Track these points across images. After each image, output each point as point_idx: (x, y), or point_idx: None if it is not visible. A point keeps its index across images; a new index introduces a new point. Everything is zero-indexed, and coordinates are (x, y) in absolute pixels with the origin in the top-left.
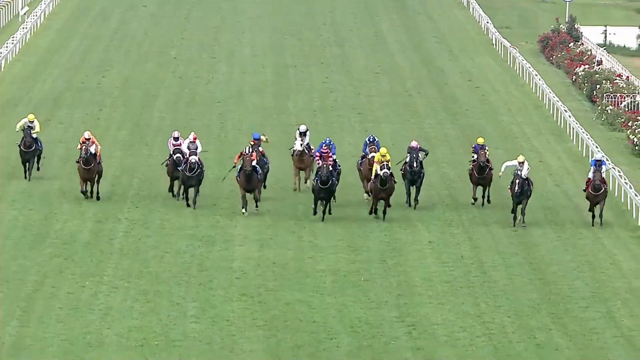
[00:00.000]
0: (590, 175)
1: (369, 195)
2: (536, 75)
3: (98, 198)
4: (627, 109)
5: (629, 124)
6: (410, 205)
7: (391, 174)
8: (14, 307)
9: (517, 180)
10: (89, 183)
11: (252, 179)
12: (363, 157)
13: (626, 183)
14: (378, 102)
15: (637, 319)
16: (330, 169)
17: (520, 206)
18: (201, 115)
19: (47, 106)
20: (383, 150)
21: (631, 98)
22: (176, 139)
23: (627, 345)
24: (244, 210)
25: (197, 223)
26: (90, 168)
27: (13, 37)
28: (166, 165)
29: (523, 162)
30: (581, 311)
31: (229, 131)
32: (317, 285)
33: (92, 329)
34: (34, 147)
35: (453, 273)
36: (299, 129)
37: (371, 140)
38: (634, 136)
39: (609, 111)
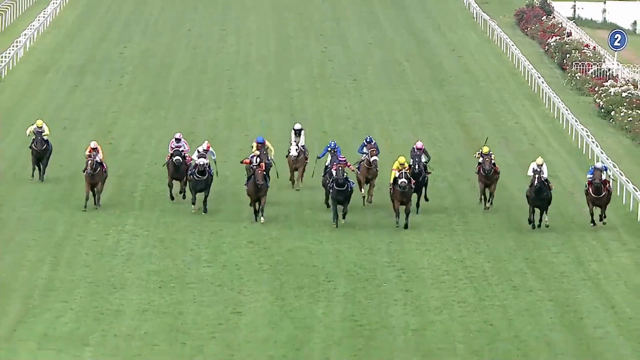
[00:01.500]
0: (589, 176)
1: (370, 201)
2: (512, 45)
3: (99, 205)
4: (593, 76)
5: (595, 89)
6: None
7: (409, 179)
8: (45, 253)
9: (535, 183)
10: (93, 190)
11: (261, 189)
12: (361, 160)
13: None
14: (371, 71)
15: (603, 264)
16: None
17: (537, 210)
18: (212, 82)
19: (74, 74)
20: (402, 159)
21: (597, 66)
22: (177, 139)
23: (593, 287)
24: (256, 220)
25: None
26: (96, 174)
27: (44, 11)
28: (167, 167)
29: (542, 164)
30: (553, 257)
31: (237, 96)
32: (316, 234)
33: (115, 273)
34: (45, 147)
35: (438, 222)
36: (293, 128)
37: (368, 140)
38: (599, 100)
39: (578, 78)
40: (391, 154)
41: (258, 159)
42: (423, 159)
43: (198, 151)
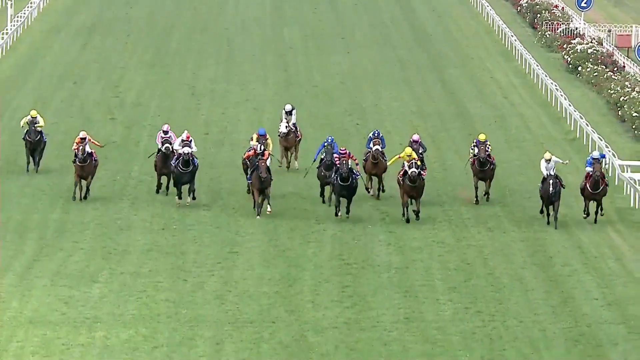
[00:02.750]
0: (589, 169)
1: (369, 192)
2: (488, 6)
3: (86, 197)
4: (562, 34)
5: (564, 46)
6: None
7: (419, 172)
8: (57, 197)
9: (551, 181)
10: (83, 182)
11: (265, 181)
12: (367, 154)
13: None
14: (359, 31)
15: (570, 208)
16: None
17: (551, 207)
18: (211, 41)
19: (84, 34)
20: (408, 150)
21: (565, 25)
22: (165, 132)
23: (560, 229)
24: (258, 217)
25: (208, 128)
26: (86, 166)
27: None
28: (155, 162)
29: (550, 159)
30: (525, 201)
31: (236, 55)
32: (308, 182)
33: (122, 215)
34: (39, 138)
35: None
36: (284, 109)
37: (376, 135)
38: (567, 56)
39: (547, 36)
40: (381, 119)
41: (262, 147)
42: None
43: (182, 140)
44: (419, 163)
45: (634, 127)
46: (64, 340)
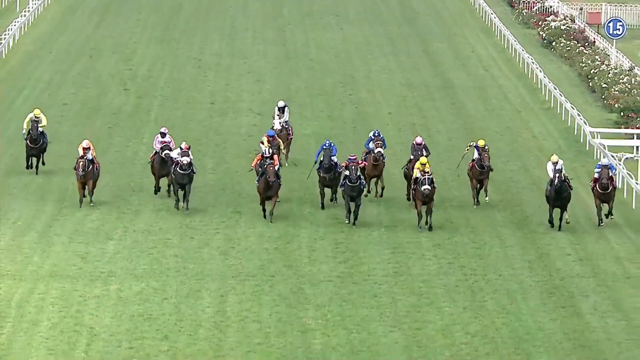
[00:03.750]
0: (597, 173)
1: (369, 192)
2: None
3: (91, 200)
4: (537, 12)
5: (539, 23)
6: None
7: (432, 180)
8: (74, 163)
9: (556, 182)
10: (86, 189)
11: (273, 186)
12: (366, 153)
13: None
14: (351, 9)
15: (544, 170)
16: (335, 169)
17: (557, 209)
18: (216, 18)
19: (99, 12)
20: (423, 159)
21: (541, 3)
22: (163, 134)
23: (535, 190)
24: (265, 217)
25: (213, 98)
26: (87, 173)
27: None
28: (151, 165)
29: (557, 162)
30: (503, 165)
31: (238, 31)
32: (304, 146)
33: (135, 179)
34: (40, 142)
35: (406, 138)
36: (277, 105)
37: (376, 135)
38: (542, 32)
39: (524, 13)
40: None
41: (270, 150)
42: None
43: (181, 148)
44: (433, 178)
45: (603, 97)
46: (81, 293)
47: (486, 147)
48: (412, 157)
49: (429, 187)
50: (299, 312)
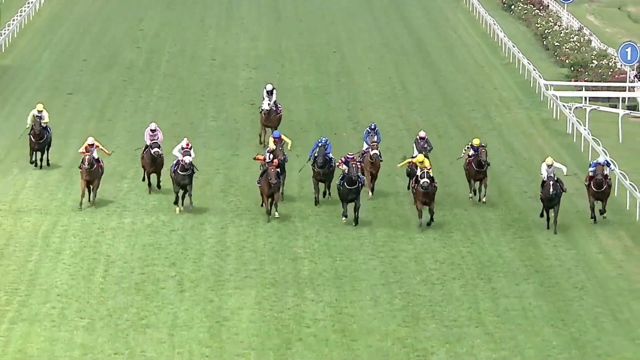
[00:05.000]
0: (591, 171)
1: (372, 193)
2: None
3: (93, 201)
4: None
5: None
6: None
7: (432, 178)
8: (94, 111)
9: (552, 183)
10: (88, 188)
11: (273, 187)
12: (363, 153)
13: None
14: None
15: (504, 117)
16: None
17: (551, 211)
18: None
19: None
20: (420, 157)
21: None
22: (153, 130)
23: (498, 136)
24: (268, 219)
25: (214, 55)
26: (92, 171)
27: None
28: (142, 159)
29: (552, 165)
30: (467, 113)
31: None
32: (294, 97)
33: (146, 125)
34: (45, 137)
35: (383, 89)
36: (265, 88)
37: (372, 128)
38: None
39: None
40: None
41: (272, 155)
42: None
43: (182, 147)
44: (431, 173)
45: (555, 54)
46: (99, 225)
47: (482, 144)
48: (413, 155)
49: (428, 180)
50: (289, 242)
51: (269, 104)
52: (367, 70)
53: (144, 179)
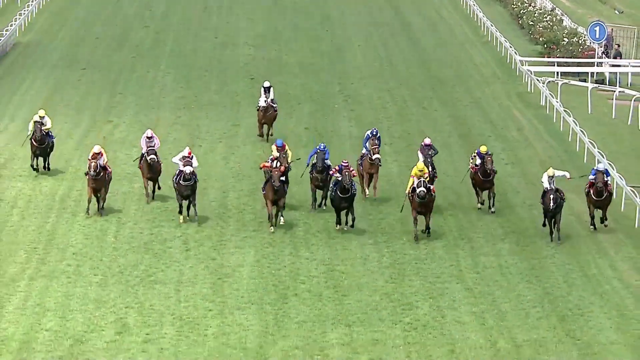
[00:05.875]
0: (592, 177)
1: (366, 195)
2: None
3: (102, 209)
4: None
5: None
6: None
7: (429, 188)
8: (106, 85)
9: (552, 195)
10: (97, 195)
11: (278, 191)
12: (362, 156)
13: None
14: None
15: (486, 91)
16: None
17: (553, 220)
18: None
19: None
20: (420, 164)
21: None
22: (149, 137)
23: (475, 107)
24: (272, 229)
25: (216, 34)
26: (99, 180)
27: None
28: (140, 167)
29: (553, 176)
30: (450, 88)
31: None
32: (290, 73)
33: (154, 97)
34: (46, 142)
35: (372, 65)
36: (263, 85)
37: (374, 133)
38: None
39: None
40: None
41: (278, 162)
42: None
43: (184, 157)
44: (427, 180)
45: (530, 32)
46: (111, 189)
47: (489, 152)
48: (421, 158)
49: (424, 190)
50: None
51: (265, 101)
52: (357, 48)
53: (145, 188)
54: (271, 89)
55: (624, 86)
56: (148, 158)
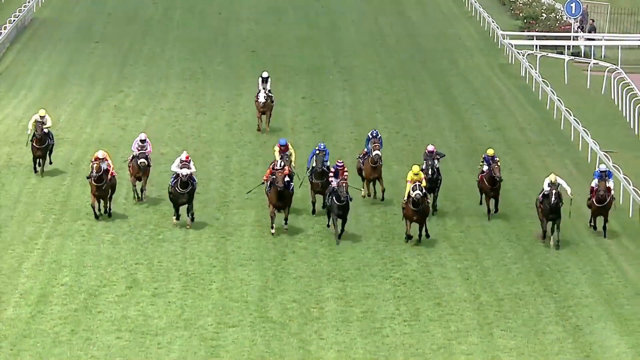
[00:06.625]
0: (594, 184)
1: (368, 196)
2: None
3: (109, 214)
4: None
5: None
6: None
7: (425, 195)
8: (117, 61)
9: (553, 199)
10: (101, 201)
11: (284, 196)
12: (364, 154)
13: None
14: None
15: (470, 62)
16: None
17: (553, 224)
18: None
19: None
20: (415, 168)
21: None
22: (142, 141)
23: (463, 79)
24: (273, 231)
25: (220, 9)
26: (102, 185)
27: None
28: (129, 166)
29: (554, 182)
30: (437, 59)
31: None
32: (289, 46)
33: (161, 70)
34: (46, 143)
35: (364, 39)
36: (261, 76)
37: (374, 135)
38: None
39: None
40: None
41: (282, 163)
42: (436, 163)
43: (181, 160)
44: (423, 184)
45: (511, 8)
46: (122, 155)
47: (496, 158)
48: (422, 168)
49: (420, 193)
50: None
51: (264, 96)
52: (351, 23)
53: (133, 191)
54: (269, 79)
55: (598, 58)
56: (139, 161)
